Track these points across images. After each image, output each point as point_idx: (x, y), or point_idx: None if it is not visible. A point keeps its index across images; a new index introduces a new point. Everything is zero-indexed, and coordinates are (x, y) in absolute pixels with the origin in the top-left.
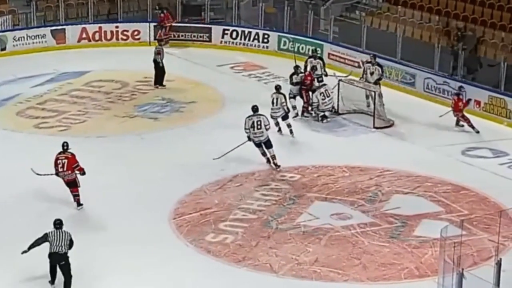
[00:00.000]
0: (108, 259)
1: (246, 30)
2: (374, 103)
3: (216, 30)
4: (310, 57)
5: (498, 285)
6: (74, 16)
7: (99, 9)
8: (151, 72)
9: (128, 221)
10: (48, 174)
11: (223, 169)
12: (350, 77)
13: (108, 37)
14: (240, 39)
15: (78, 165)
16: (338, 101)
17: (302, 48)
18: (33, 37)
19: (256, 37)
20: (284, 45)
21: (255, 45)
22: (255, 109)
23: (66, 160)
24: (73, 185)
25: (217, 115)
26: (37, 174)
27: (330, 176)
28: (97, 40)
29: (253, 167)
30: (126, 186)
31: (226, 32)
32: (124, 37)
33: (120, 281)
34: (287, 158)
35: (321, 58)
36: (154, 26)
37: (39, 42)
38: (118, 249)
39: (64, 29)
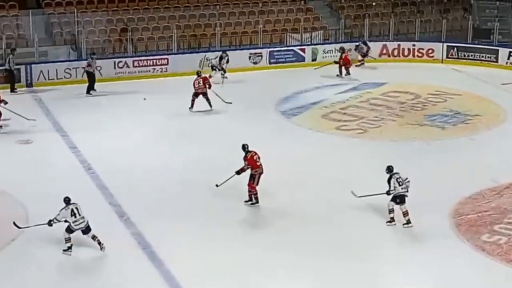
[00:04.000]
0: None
1: None
2: None
3: (503, 52)
4: None
5: None
6: (377, 34)
7: (399, 29)
8: (442, 86)
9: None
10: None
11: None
12: None
13: (406, 53)
14: None
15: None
16: None
17: None
18: (336, 51)
19: None
20: None
21: None
22: None
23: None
24: None
25: (499, 128)
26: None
27: None
28: (395, 56)
29: None
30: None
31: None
32: (420, 55)
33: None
34: None
35: None
36: (447, 46)
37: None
38: (399, 239)
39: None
